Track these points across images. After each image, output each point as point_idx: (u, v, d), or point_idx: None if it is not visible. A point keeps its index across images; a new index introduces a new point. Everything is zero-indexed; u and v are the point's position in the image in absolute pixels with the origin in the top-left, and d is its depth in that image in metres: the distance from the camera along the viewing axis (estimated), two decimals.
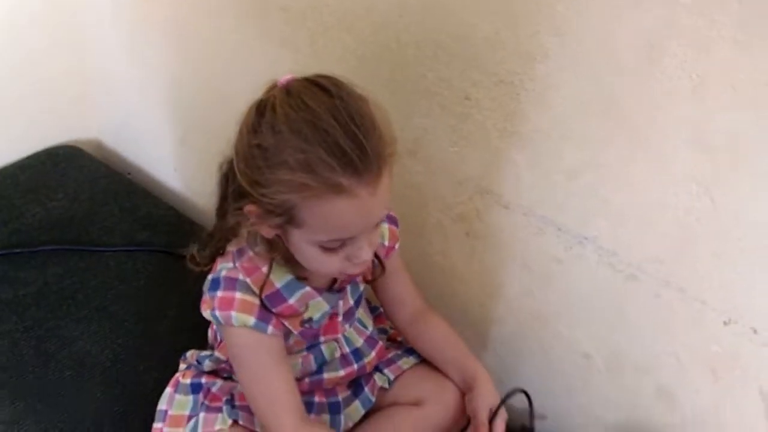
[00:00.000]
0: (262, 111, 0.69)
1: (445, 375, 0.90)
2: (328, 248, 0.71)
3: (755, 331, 0.76)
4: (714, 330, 0.79)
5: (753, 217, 0.72)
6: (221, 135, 0.77)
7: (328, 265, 0.74)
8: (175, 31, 1.27)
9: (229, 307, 0.77)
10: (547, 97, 0.82)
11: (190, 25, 1.23)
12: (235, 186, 0.72)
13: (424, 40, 0.89)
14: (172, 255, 1.24)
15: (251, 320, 0.77)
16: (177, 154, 1.42)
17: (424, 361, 0.93)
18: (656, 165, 0.76)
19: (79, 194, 1.35)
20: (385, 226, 0.88)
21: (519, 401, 1.02)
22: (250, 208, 0.71)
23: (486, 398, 0.84)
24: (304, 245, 0.72)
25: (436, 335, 0.92)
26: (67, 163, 1.43)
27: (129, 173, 1.52)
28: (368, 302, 0.98)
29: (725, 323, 0.78)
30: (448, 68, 0.89)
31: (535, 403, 1.02)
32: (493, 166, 0.91)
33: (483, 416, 0.83)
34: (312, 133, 0.66)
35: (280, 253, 0.77)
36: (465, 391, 0.87)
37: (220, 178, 0.77)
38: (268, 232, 0.74)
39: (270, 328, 0.78)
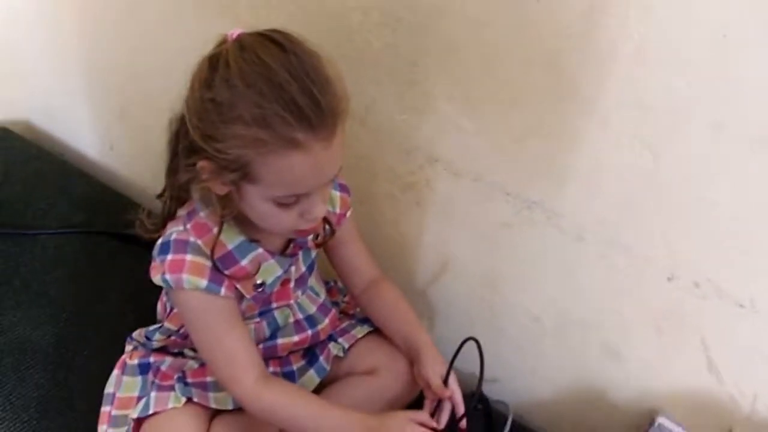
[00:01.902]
0: (215, 65, 0.68)
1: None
2: (282, 204, 0.71)
3: (697, 285, 0.80)
4: (658, 286, 0.82)
5: (692, 172, 0.74)
6: (160, 109, 0.75)
7: (282, 221, 0.73)
8: (108, 6, 1.22)
9: (179, 269, 0.75)
10: (493, 62, 0.83)
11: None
12: (187, 142, 0.71)
13: (370, 7, 0.89)
14: (111, 236, 1.21)
15: (203, 282, 0.75)
16: (113, 132, 1.37)
17: (377, 330, 0.93)
18: (599, 124, 0.78)
19: (10, 177, 1.30)
20: (336, 194, 0.87)
21: (468, 365, 1.04)
22: (202, 164, 0.70)
23: (434, 365, 0.84)
24: (258, 201, 0.71)
25: (385, 305, 0.92)
26: None
27: (62, 154, 1.46)
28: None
29: (669, 279, 0.81)
30: (395, 35, 0.88)
31: (487, 368, 1.04)
32: (442, 133, 0.91)
33: (437, 381, 0.83)
34: (268, 88, 0.65)
35: (232, 212, 0.75)
36: (411, 362, 0.87)
37: (170, 135, 0.75)
38: (220, 188, 0.73)
39: (223, 290, 0.77)
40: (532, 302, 0.96)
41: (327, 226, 0.86)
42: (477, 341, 0.82)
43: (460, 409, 0.82)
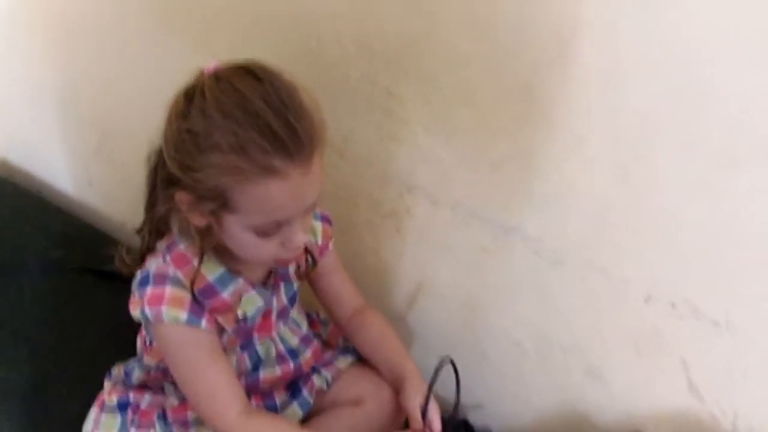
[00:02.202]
0: (190, 96, 0.69)
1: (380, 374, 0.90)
2: (262, 233, 0.71)
3: (674, 306, 0.81)
4: (636, 307, 0.83)
5: (666, 194, 0.76)
6: (137, 143, 0.76)
7: (263, 251, 0.73)
8: (84, 41, 1.23)
9: (158, 303, 0.75)
10: (469, 92, 0.84)
11: (100, 34, 1.19)
12: (165, 174, 0.72)
13: (347, 40, 0.90)
14: (90, 272, 1.19)
15: (183, 315, 0.75)
16: (91, 168, 1.37)
17: (361, 360, 0.93)
18: (574, 150, 0.79)
19: None
20: (318, 225, 0.87)
21: (446, 392, 1.03)
22: (181, 195, 0.70)
23: (415, 395, 0.83)
24: (238, 231, 0.71)
25: (371, 334, 0.92)
26: None
27: (40, 191, 1.45)
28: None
29: (646, 300, 0.82)
30: (372, 67, 0.90)
31: (469, 394, 1.04)
32: (420, 161, 0.92)
33: (415, 413, 0.82)
34: (243, 116, 0.66)
35: (211, 243, 0.75)
36: (397, 391, 0.87)
37: (149, 169, 0.75)
38: (200, 220, 0.73)
39: (203, 323, 0.76)
40: (513, 326, 0.96)
41: (309, 258, 0.86)
42: (452, 361, 0.81)
43: None
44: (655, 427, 0.89)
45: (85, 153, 1.35)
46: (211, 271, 0.78)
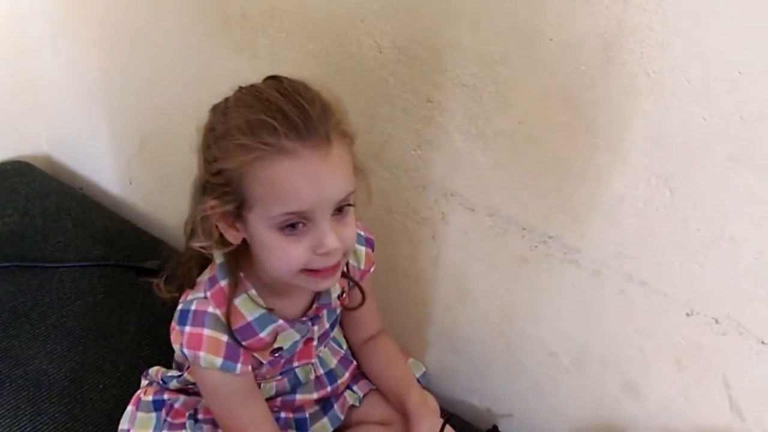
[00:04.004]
0: (215, 108, 0.73)
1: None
2: (287, 232, 0.68)
3: (717, 321, 0.79)
4: (677, 321, 0.81)
5: (711, 208, 0.74)
6: (179, 145, 0.76)
7: (292, 257, 0.69)
8: (127, 41, 1.25)
9: (197, 346, 0.75)
10: (509, 99, 0.83)
11: (144, 34, 1.21)
12: (198, 184, 0.73)
13: (386, 45, 0.90)
14: (129, 269, 1.21)
15: (218, 361, 0.75)
16: (132, 167, 1.39)
17: None
18: (616, 160, 0.78)
19: (30, 210, 1.31)
20: (362, 249, 0.86)
21: (478, 400, 1.02)
22: (209, 202, 0.71)
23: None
24: (264, 232, 0.69)
25: (378, 362, 0.91)
26: (16, 179, 1.40)
27: (81, 188, 1.48)
28: None
29: (688, 314, 0.80)
30: (411, 72, 0.89)
31: (502, 404, 1.04)
32: (457, 168, 0.92)
33: None
34: (255, 102, 0.68)
35: (245, 266, 0.76)
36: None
37: (191, 200, 0.76)
38: (234, 235, 0.73)
39: (239, 367, 0.76)
40: (549, 337, 0.95)
41: (356, 288, 0.86)
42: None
43: None
44: None
45: (127, 152, 1.37)
46: (251, 312, 0.77)
